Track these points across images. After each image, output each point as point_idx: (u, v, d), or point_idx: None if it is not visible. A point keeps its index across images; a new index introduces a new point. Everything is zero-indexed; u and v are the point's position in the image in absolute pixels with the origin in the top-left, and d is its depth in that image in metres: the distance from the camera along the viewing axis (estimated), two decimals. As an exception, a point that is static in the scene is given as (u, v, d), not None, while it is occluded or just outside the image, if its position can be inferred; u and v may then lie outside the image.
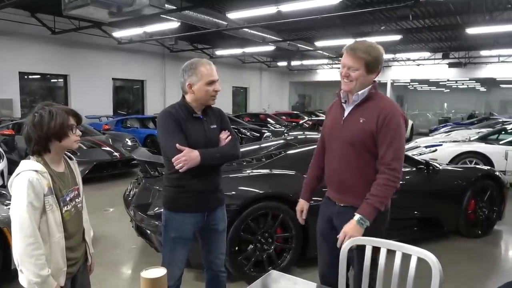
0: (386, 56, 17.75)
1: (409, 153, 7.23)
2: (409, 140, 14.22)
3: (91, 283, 2.05)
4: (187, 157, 1.99)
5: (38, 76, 12.96)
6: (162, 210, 2.29)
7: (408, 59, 18.89)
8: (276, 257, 3.37)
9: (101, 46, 13.37)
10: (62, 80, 13.06)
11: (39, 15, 11.29)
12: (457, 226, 4.38)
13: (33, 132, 1.65)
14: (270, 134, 11.14)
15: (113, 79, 14.45)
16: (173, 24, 9.76)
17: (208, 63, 2.17)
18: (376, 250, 1.68)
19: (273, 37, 12.64)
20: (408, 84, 24.34)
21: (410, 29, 12.00)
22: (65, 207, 1.72)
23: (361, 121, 1.96)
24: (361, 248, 1.72)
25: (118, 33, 12.14)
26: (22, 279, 1.61)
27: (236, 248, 3.21)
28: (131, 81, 15.68)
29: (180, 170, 1.99)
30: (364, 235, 1.83)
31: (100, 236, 4.49)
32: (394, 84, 21.93)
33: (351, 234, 1.81)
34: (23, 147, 7.55)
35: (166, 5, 7.95)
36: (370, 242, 1.66)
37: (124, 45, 13.49)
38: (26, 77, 12.43)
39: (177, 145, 2.01)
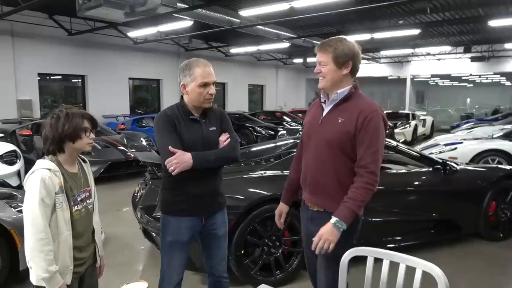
0: (405, 51, 17.47)
1: (428, 152, 7.02)
2: (429, 137, 13.88)
3: (98, 285, 2.06)
4: (178, 160, 1.93)
5: (57, 77, 13.22)
6: None
7: (428, 54, 18.35)
8: (284, 261, 3.28)
9: (117, 46, 13.51)
10: (80, 80, 13.27)
11: (56, 17, 11.49)
12: (477, 229, 4.19)
13: (50, 132, 1.74)
14: (285, 132, 11.02)
15: (129, 78, 14.60)
16: (186, 23, 9.76)
17: (205, 64, 2.08)
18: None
19: (287, 34, 12.48)
20: (428, 79, 23.69)
21: (430, 22, 11.62)
22: (76, 206, 1.79)
23: (339, 121, 1.91)
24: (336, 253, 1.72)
25: (133, 33, 12.24)
26: (32, 275, 1.67)
27: (242, 252, 3.13)
28: (148, 80, 15.82)
29: (172, 173, 1.93)
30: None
31: (111, 237, 4.49)
32: (414, 79, 21.38)
33: (326, 237, 1.77)
34: (41, 147, 7.68)
35: (178, 4, 7.94)
36: (372, 253, 1.54)
37: (139, 44, 13.59)
38: (47, 78, 12.71)
39: (169, 147, 1.95)
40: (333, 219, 1.79)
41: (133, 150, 7.74)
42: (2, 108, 10.61)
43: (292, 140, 4.66)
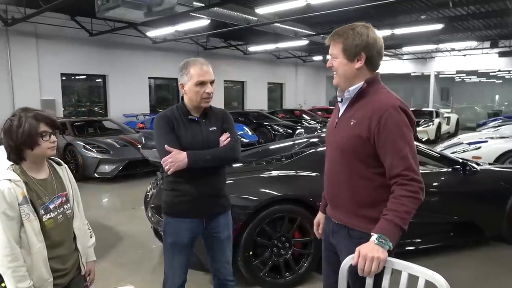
0: (428, 47, 16.98)
1: (451, 151, 6.78)
2: (453, 136, 13.44)
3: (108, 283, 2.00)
4: (173, 159, 1.91)
5: (79, 77, 13.53)
6: None
7: (453, 49, 17.79)
8: (293, 263, 3.22)
9: (136, 46, 13.71)
10: (101, 80, 13.54)
11: (78, 18, 11.75)
12: (500, 232, 4.00)
13: (5, 140, 1.60)
14: (303, 130, 10.91)
15: (149, 78, 14.79)
16: (203, 22, 9.80)
17: (202, 63, 2.05)
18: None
19: (305, 31, 12.35)
20: (454, 75, 22.97)
21: (453, 17, 11.21)
22: (48, 214, 1.65)
23: (351, 123, 1.64)
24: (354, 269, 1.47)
25: (152, 33, 12.38)
26: None
27: (251, 253, 3.08)
28: (167, 79, 15.99)
29: (168, 173, 1.92)
30: None
31: (124, 235, 4.54)
32: (439, 76, 20.77)
33: (372, 256, 1.42)
34: (62, 145, 7.89)
35: (195, 3, 7.97)
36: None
37: (158, 44, 13.75)
38: (70, 78, 13.03)
39: (166, 146, 1.93)
40: (373, 237, 1.47)
41: (145, 149, 7.81)
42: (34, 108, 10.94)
43: (305, 139, 4.58)
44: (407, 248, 3.62)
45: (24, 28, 10.66)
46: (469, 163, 3.90)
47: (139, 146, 7.90)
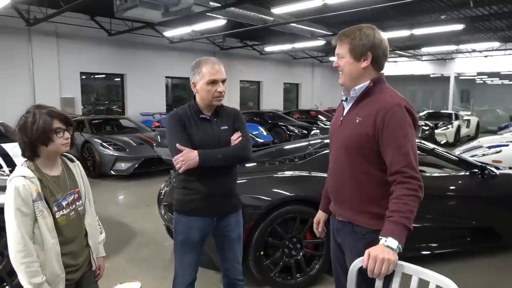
0: (448, 48, 16.62)
1: (470, 154, 6.61)
2: (473, 139, 13.12)
3: (121, 279, 2.05)
4: (184, 157, 1.92)
5: (98, 76, 13.77)
6: None
7: (474, 50, 17.38)
8: (305, 264, 3.19)
9: (154, 46, 13.86)
10: (119, 79, 13.75)
11: (97, 18, 11.96)
12: (519, 238, 3.88)
13: (20, 136, 1.62)
14: (318, 131, 10.84)
15: (166, 77, 14.95)
16: (220, 22, 9.83)
17: (213, 62, 2.06)
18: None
19: (322, 31, 12.25)
20: (475, 77, 22.43)
21: (475, 17, 10.95)
22: (61, 211, 1.68)
23: (357, 121, 1.68)
24: (365, 271, 1.45)
25: (169, 33, 12.50)
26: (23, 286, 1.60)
27: (262, 253, 3.07)
28: (184, 79, 16.12)
29: (179, 171, 1.92)
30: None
31: (138, 232, 4.60)
32: (459, 77, 20.32)
33: (383, 257, 1.40)
34: (80, 143, 8.05)
35: (211, 3, 8.01)
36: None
37: (175, 44, 13.87)
38: (90, 77, 13.28)
39: (177, 145, 1.94)
40: (382, 240, 1.46)
41: (159, 147, 7.88)
42: (48, 105, 11.20)
43: (319, 140, 4.54)
44: (422, 252, 3.56)
45: (45, 27, 10.92)
46: (488, 167, 3.79)
47: (154, 144, 8.00)
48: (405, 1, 7.99)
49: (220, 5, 8.31)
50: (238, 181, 2.25)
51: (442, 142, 11.95)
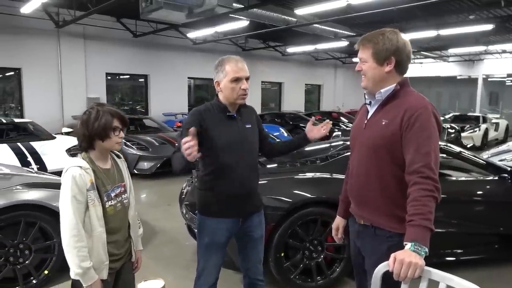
0: (476, 49, 16.12)
1: (498, 158, 6.39)
2: (502, 142, 12.67)
3: (142, 276, 2.08)
4: (188, 144, 1.67)
5: (123, 77, 14.06)
6: None
7: (504, 51, 16.80)
8: (326, 267, 3.16)
9: (177, 47, 14.04)
10: (143, 80, 14.00)
11: (123, 20, 12.22)
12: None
13: (81, 129, 1.77)
14: (340, 133, 10.71)
15: (188, 78, 15.11)
16: (242, 23, 9.87)
17: (236, 60, 2.07)
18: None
19: (345, 32, 12.12)
20: (504, 79, 21.67)
21: (505, 16, 10.57)
22: (109, 202, 1.80)
23: (383, 123, 1.68)
24: (388, 276, 1.42)
25: (193, 34, 12.63)
26: (71, 270, 1.70)
27: (282, 254, 3.06)
28: (206, 79, 16.26)
29: (189, 159, 1.69)
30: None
31: (159, 230, 4.66)
32: (488, 79, 19.68)
33: (409, 261, 1.35)
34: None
35: (234, 4, 8.05)
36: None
37: (198, 45, 14.00)
38: (115, 77, 13.58)
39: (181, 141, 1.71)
40: (408, 245, 1.43)
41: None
42: (74, 105, 11.54)
43: (342, 142, 4.49)
44: (446, 258, 3.46)
45: (73, 29, 11.23)
46: (518, 171, 3.66)
47: (176, 144, 8.10)
48: (432, 1, 7.80)
49: (243, 6, 8.34)
50: (259, 182, 2.25)
51: (468, 146, 11.59)
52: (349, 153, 3.59)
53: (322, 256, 3.14)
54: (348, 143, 4.34)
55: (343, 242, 2.16)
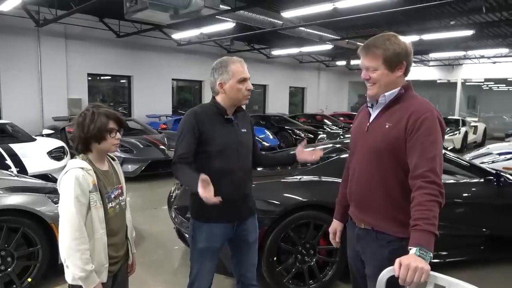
0: (456, 54, 16.55)
1: (479, 161, 6.54)
2: (480, 145, 13.01)
3: (129, 283, 2.06)
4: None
5: (105, 77, 13.80)
6: None
7: (482, 57, 17.30)
8: (318, 271, 3.14)
9: (161, 48, 13.89)
10: (125, 81, 13.78)
11: (106, 19, 12.01)
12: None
13: (77, 131, 1.74)
14: (325, 136, 10.79)
15: (172, 79, 14.96)
16: (228, 25, 9.83)
17: (239, 61, 2.04)
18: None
19: (330, 36, 12.23)
20: (482, 83, 22.32)
21: (484, 23, 10.89)
22: (110, 203, 1.78)
23: (387, 126, 1.66)
24: (393, 281, 1.41)
25: (177, 35, 12.51)
26: (68, 274, 1.66)
27: (275, 258, 3.03)
28: (190, 81, 16.14)
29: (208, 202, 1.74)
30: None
31: (146, 235, 4.56)
32: (466, 83, 20.23)
33: (416, 266, 1.34)
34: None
35: (221, 6, 8.00)
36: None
37: (183, 46, 13.89)
38: (96, 78, 13.30)
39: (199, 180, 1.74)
40: (413, 250, 1.41)
41: (171, 149, 7.86)
42: (55, 106, 11.26)
43: (331, 145, 4.51)
44: (433, 260, 3.48)
45: (54, 28, 10.96)
46: (503, 174, 3.74)
47: (161, 147, 7.97)
48: (415, 6, 7.95)
49: (230, 8, 8.30)
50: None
51: (448, 148, 11.85)
52: (342, 156, 3.63)
53: (314, 260, 3.13)
54: (338, 145, 4.37)
55: (339, 246, 2.14)
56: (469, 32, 10.48)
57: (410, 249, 1.43)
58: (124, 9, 7.77)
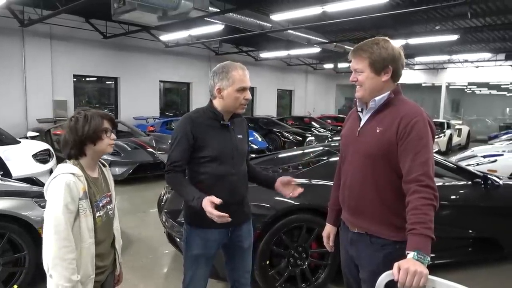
0: (441, 58, 16.85)
1: (465, 163, 6.65)
2: (464, 148, 13.26)
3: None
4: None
5: (91, 79, 13.60)
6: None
7: (466, 61, 17.65)
8: (310, 274, 3.14)
9: (149, 50, 13.76)
10: (112, 82, 13.60)
11: (92, 20, 11.83)
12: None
13: (70, 135, 1.69)
14: (313, 138, 10.84)
15: (160, 81, 14.83)
16: (217, 27, 9.81)
17: (242, 68, 1.99)
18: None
19: (318, 39, 12.32)
20: (465, 87, 22.78)
21: (469, 28, 11.14)
22: (98, 212, 1.73)
23: (378, 131, 1.67)
24: (392, 285, 1.41)
25: (165, 37, 12.42)
26: (51, 284, 1.59)
27: (267, 262, 3.01)
28: (178, 83, 16.03)
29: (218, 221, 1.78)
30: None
31: (135, 239, 4.49)
32: (450, 87, 20.61)
33: (415, 270, 1.34)
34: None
35: (210, 8, 7.97)
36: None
37: (171, 48, 13.79)
38: (82, 79, 13.10)
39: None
40: (410, 254, 1.41)
41: (160, 152, 7.79)
42: (39, 107, 11.03)
43: (321, 148, 4.52)
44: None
45: (39, 29, 10.74)
46: (489, 176, 3.80)
47: (149, 149, 7.88)
48: (402, 11, 8.07)
49: (219, 10, 8.28)
50: None
51: (434, 151, 12.05)
52: (332, 159, 3.64)
53: (306, 263, 3.12)
54: (328, 148, 4.38)
55: (333, 250, 2.14)
56: (454, 37, 10.69)
57: (408, 253, 1.43)
58: (112, 10, 7.68)
